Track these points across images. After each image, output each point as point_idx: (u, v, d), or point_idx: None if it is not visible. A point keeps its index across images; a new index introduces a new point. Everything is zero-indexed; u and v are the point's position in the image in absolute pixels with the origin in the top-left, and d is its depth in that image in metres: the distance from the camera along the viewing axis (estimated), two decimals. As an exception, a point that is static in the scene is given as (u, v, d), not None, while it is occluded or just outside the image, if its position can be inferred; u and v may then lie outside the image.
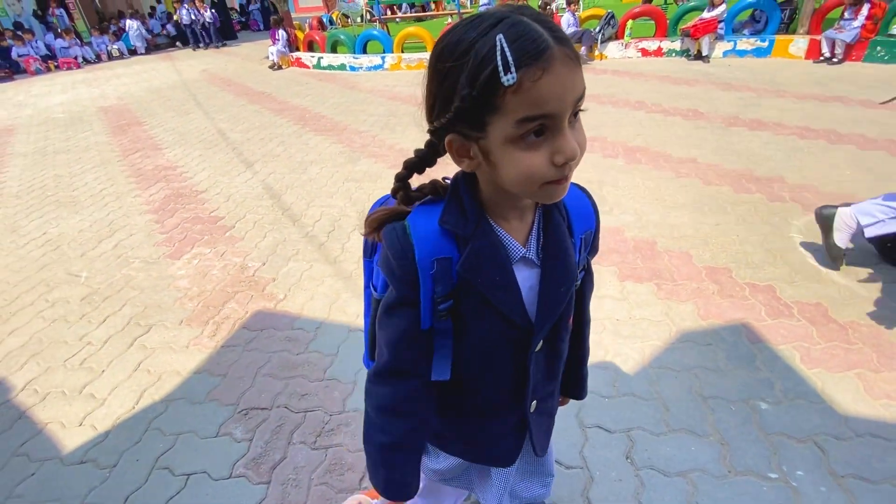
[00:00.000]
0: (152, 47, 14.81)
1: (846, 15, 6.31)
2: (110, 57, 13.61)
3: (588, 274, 0.84)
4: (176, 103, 7.40)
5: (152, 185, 4.19)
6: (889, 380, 1.75)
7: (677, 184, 3.41)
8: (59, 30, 13.10)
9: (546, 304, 0.69)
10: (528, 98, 0.50)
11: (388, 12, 12.82)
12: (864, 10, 6.13)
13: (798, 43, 6.91)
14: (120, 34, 14.39)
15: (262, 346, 2.19)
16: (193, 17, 13.58)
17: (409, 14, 14.23)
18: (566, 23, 7.99)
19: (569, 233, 0.71)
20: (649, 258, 2.59)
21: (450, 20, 11.63)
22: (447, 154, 0.61)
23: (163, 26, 15.94)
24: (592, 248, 0.80)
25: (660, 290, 2.34)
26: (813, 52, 6.75)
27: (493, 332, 0.70)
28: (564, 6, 8.32)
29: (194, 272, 2.82)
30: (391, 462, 0.77)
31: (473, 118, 0.54)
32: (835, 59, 6.43)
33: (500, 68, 0.48)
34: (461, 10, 11.06)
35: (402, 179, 0.68)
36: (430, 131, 0.60)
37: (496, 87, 0.49)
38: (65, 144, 5.72)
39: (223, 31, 15.90)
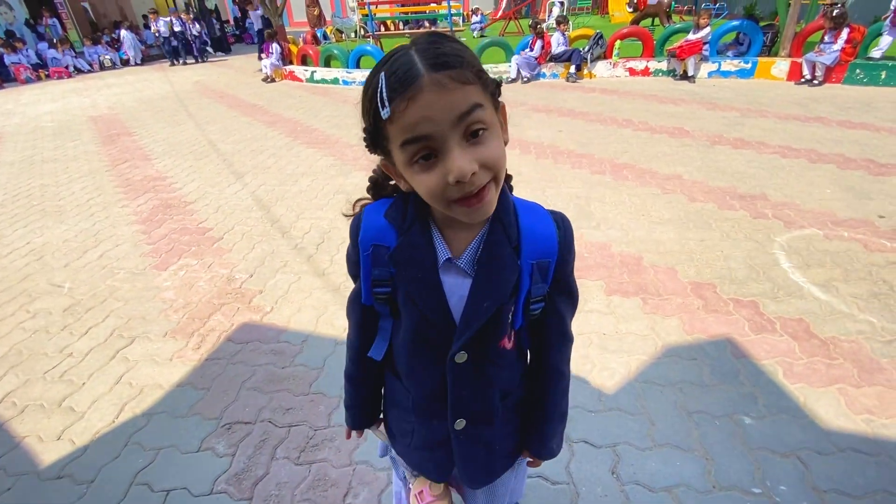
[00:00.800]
0: (146, 58, 14.83)
1: (826, 38, 6.53)
2: (102, 67, 13.59)
3: (554, 314, 0.77)
4: (167, 114, 7.39)
5: (140, 196, 4.16)
6: (869, 395, 1.78)
7: (663, 200, 3.46)
8: (54, 40, 13.08)
9: (468, 314, 0.70)
10: (401, 125, 0.56)
11: (382, 28, 13.01)
12: (844, 33, 6.35)
13: (780, 65, 7.14)
14: (113, 44, 14.39)
15: (247, 359, 2.17)
16: (177, 29, 12.97)
17: (402, 30, 14.44)
18: (556, 42, 8.16)
19: (516, 254, 0.69)
20: (635, 273, 2.62)
21: (443, 37, 11.81)
22: None
23: (157, 37, 15.99)
24: (557, 284, 0.74)
25: (646, 304, 2.36)
26: (794, 74, 6.96)
27: (417, 328, 0.74)
28: (554, 26, 8.51)
29: (180, 283, 2.79)
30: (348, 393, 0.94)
31: (380, 146, 0.63)
32: (815, 81, 6.64)
33: (379, 103, 0.56)
34: (453, 29, 11.26)
35: (371, 184, 0.80)
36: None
37: (380, 122, 0.58)
38: (52, 153, 5.67)
39: (217, 44, 16.01)
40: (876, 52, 6.43)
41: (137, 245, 3.28)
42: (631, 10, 13.90)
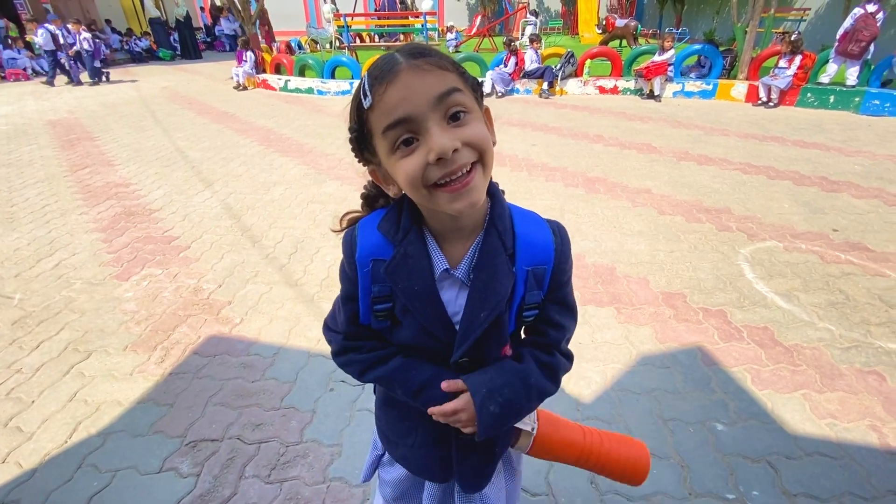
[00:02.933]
0: (110, 62, 14.34)
1: (781, 63, 6.96)
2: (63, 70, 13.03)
3: (548, 322, 0.75)
4: (132, 119, 7.13)
5: (101, 203, 3.97)
6: (832, 400, 1.85)
7: (634, 213, 3.56)
8: (9, 40, 12.48)
9: (466, 324, 0.69)
10: (382, 110, 0.57)
11: (358, 40, 13.04)
12: (797, 59, 6.78)
13: (738, 87, 7.53)
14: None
15: (214, 372, 2.07)
16: (62, 41, 10.21)
17: (378, 42, 14.52)
18: (529, 59, 8.37)
19: (511, 261, 0.68)
20: (609, 283, 2.66)
21: (418, 51, 11.93)
22: None
23: (122, 42, 15.54)
24: (553, 293, 0.73)
25: (619, 314, 2.40)
26: (752, 96, 7.36)
27: (417, 338, 0.72)
28: (528, 44, 8.74)
29: (143, 294, 2.65)
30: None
31: (366, 147, 0.64)
32: (771, 103, 7.03)
33: (362, 95, 0.59)
34: (429, 43, 11.40)
35: (364, 198, 0.78)
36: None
37: (364, 114, 0.60)
38: (6, 158, 5.36)
39: (187, 51, 15.67)
40: (824, 78, 6.88)
41: (97, 254, 3.11)
42: (600, 31, 14.47)
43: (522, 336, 0.81)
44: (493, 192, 0.71)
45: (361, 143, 0.64)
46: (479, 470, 0.83)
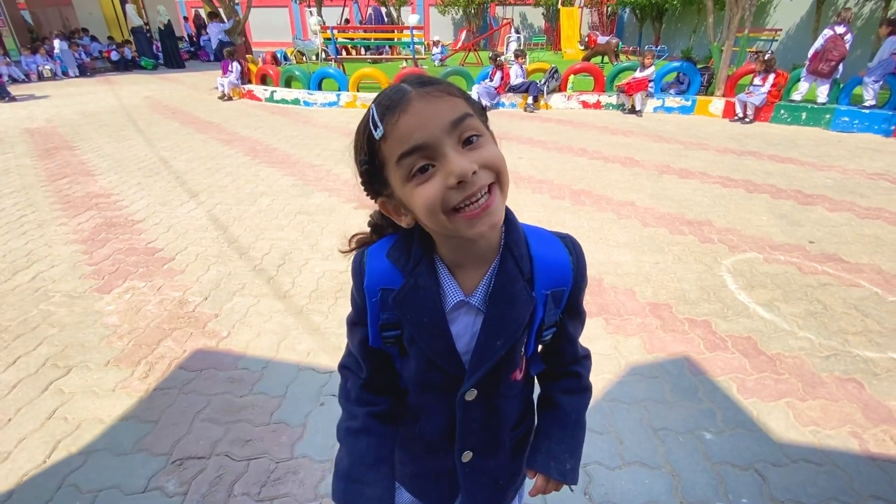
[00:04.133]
0: (91, 70, 14.11)
1: (755, 81, 7.23)
2: (41, 77, 12.77)
3: (564, 337, 0.77)
4: (113, 128, 7.01)
5: (81, 213, 3.88)
6: (814, 407, 1.90)
7: (619, 225, 3.63)
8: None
9: (479, 353, 0.68)
10: (396, 138, 0.56)
11: (344, 52, 13.11)
12: (771, 78, 7.06)
13: (716, 103, 7.79)
14: (53, 54, 13.61)
15: (201, 388, 2.02)
16: None
17: (364, 55, 14.61)
18: (514, 74, 8.52)
19: (529, 286, 0.67)
20: (597, 294, 2.70)
21: (404, 64, 12.05)
22: None
23: (101, 51, 15.32)
24: (569, 308, 0.74)
25: (608, 324, 2.43)
26: (728, 112, 7.62)
27: (423, 370, 0.72)
28: (513, 59, 8.90)
29: (126, 307, 2.59)
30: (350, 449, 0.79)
31: (377, 178, 0.62)
32: (747, 119, 7.28)
33: (371, 126, 0.58)
34: (416, 56, 11.53)
35: (371, 227, 0.77)
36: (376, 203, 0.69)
37: (375, 145, 0.59)
38: (-21, 167, 5.20)
39: (169, 60, 15.51)
40: (797, 96, 7.17)
41: (77, 266, 3.03)
42: (582, 47, 14.82)
43: (540, 361, 0.82)
44: (508, 216, 0.69)
45: (372, 174, 0.63)
46: (489, 498, 0.83)
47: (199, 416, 1.87)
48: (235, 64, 9.63)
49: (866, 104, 6.54)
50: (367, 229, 0.77)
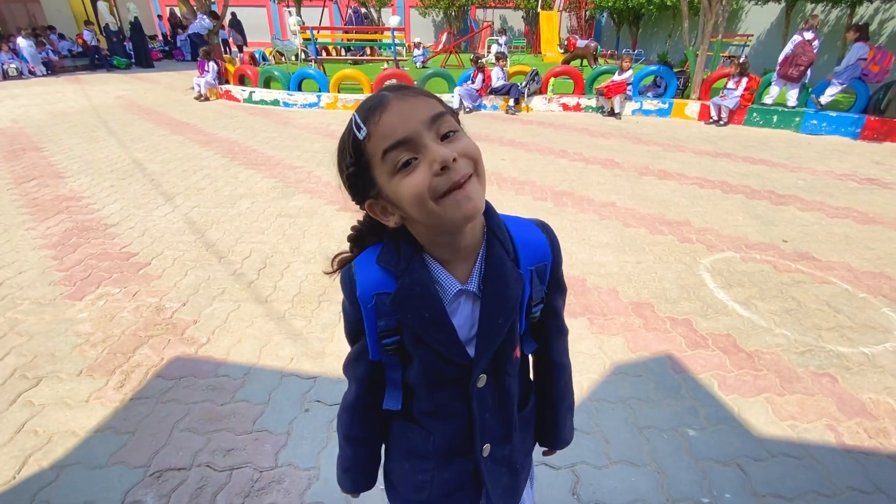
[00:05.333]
0: (59, 69, 13.63)
1: (729, 85, 7.42)
2: (6, 76, 12.29)
3: (551, 312, 0.83)
4: (84, 129, 6.78)
5: (51, 217, 3.73)
6: (792, 402, 1.95)
7: (601, 225, 3.68)
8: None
9: (484, 335, 0.71)
10: (380, 135, 0.60)
11: (324, 53, 12.98)
12: (744, 81, 7.27)
13: (692, 106, 7.98)
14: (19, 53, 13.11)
15: (180, 396, 1.96)
16: None
17: (344, 56, 14.48)
18: (496, 76, 8.56)
19: (516, 265, 0.72)
20: (581, 294, 2.73)
21: (385, 66, 12.00)
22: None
23: (70, 50, 14.82)
24: (553, 283, 0.80)
25: (592, 324, 2.46)
26: (704, 115, 7.81)
27: (433, 368, 0.73)
28: (494, 61, 8.95)
29: (99, 315, 2.50)
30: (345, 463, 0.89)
31: (364, 179, 0.65)
32: (721, 122, 7.48)
33: (356, 130, 0.62)
34: (397, 58, 11.49)
35: (352, 241, 0.77)
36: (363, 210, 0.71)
37: (360, 146, 0.62)
38: (-61, 169, 4.97)
39: (137, 58, 15.09)
40: (768, 99, 7.39)
41: (46, 272, 2.91)
42: (562, 51, 15.02)
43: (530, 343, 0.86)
44: (487, 206, 0.73)
45: (358, 176, 0.65)
46: (509, 487, 0.86)
47: (179, 425, 1.82)
48: (212, 64, 9.43)
49: (822, 101, 6.79)
50: (348, 246, 0.78)
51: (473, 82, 8.49)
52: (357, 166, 0.64)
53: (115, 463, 1.66)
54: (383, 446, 0.89)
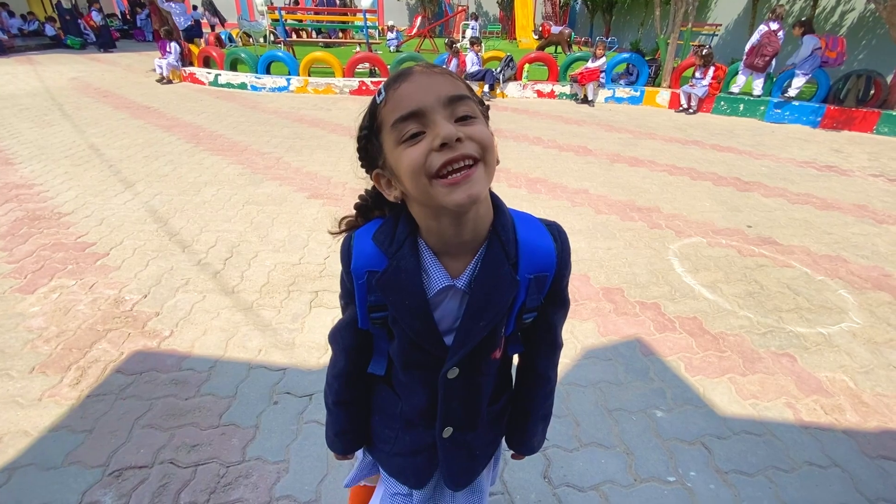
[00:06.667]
0: (8, 48, 12.76)
1: (697, 74, 7.56)
2: (-55, 55, 11.44)
3: (546, 325, 0.79)
4: (35, 113, 6.38)
5: (-2, 206, 3.51)
6: (753, 381, 2.02)
7: (573, 212, 3.70)
8: None
9: (462, 333, 0.70)
10: (395, 103, 0.60)
11: (294, 35, 12.56)
12: (711, 71, 7.41)
13: (663, 94, 8.10)
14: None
15: (141, 392, 1.88)
16: None
17: (315, 38, 14.05)
18: (470, 61, 8.48)
19: (514, 270, 0.69)
20: (554, 281, 2.74)
21: (357, 49, 11.71)
22: None
23: (20, 28, 13.89)
24: (552, 296, 0.75)
25: (565, 310, 2.48)
26: (674, 103, 7.95)
27: (407, 350, 0.74)
28: (468, 46, 8.84)
29: (53, 308, 2.37)
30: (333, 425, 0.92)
31: (374, 145, 0.65)
32: (690, 110, 7.63)
33: (376, 96, 0.63)
34: (370, 42, 11.22)
35: (357, 209, 0.78)
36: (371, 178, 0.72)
37: (376, 110, 0.63)
38: None
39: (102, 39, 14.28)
40: (735, 88, 7.57)
41: (-7, 264, 2.74)
42: (536, 37, 14.97)
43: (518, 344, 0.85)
44: (497, 203, 0.71)
45: (370, 140, 0.66)
46: (465, 469, 0.86)
47: (140, 422, 1.75)
48: (174, 44, 9.00)
49: (791, 93, 7.01)
50: (354, 215, 0.78)
51: (448, 67, 8.38)
52: (370, 130, 0.65)
53: (71, 463, 1.58)
54: None
